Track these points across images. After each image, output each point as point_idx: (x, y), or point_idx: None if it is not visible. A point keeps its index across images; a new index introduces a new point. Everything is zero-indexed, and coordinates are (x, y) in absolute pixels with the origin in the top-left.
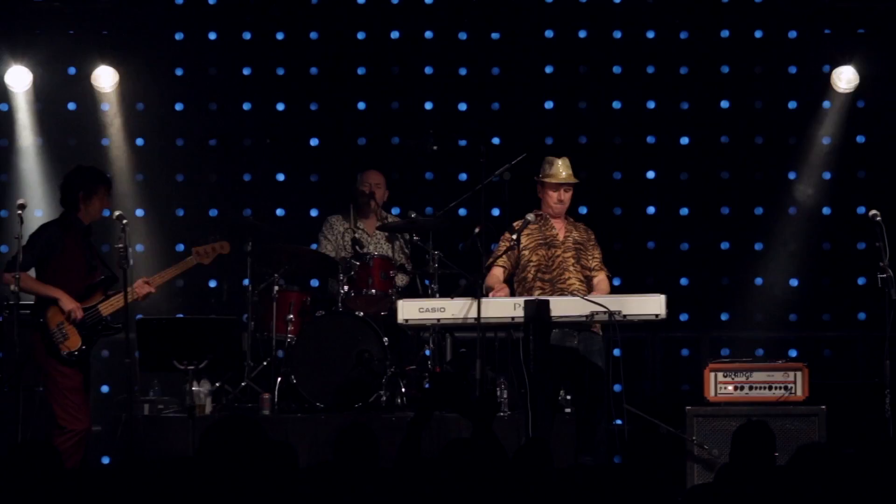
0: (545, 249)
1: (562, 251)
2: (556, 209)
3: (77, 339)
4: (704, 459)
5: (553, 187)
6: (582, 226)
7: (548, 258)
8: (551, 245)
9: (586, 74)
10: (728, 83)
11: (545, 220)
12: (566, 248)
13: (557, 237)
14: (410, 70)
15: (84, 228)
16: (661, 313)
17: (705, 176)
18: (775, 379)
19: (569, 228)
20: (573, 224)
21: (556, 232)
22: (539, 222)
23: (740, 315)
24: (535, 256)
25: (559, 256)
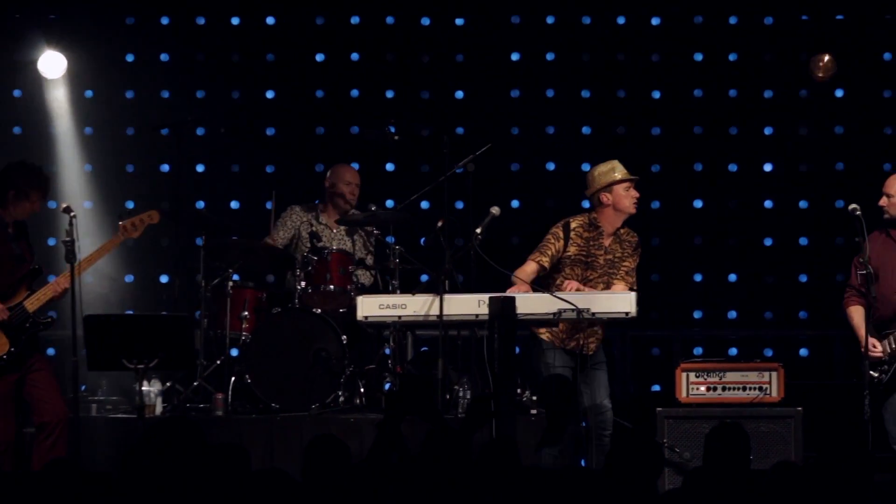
0: (582, 269)
1: (597, 275)
2: (633, 207)
3: (5, 341)
4: (676, 463)
5: (627, 185)
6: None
7: (581, 277)
8: (590, 266)
9: (554, 62)
10: (702, 71)
11: (598, 230)
12: (602, 273)
13: (598, 260)
14: (371, 57)
15: (13, 224)
16: (632, 311)
17: (677, 167)
18: (750, 379)
19: (614, 246)
20: (622, 237)
21: (601, 252)
22: (592, 232)
23: (713, 313)
24: (569, 270)
25: (592, 281)
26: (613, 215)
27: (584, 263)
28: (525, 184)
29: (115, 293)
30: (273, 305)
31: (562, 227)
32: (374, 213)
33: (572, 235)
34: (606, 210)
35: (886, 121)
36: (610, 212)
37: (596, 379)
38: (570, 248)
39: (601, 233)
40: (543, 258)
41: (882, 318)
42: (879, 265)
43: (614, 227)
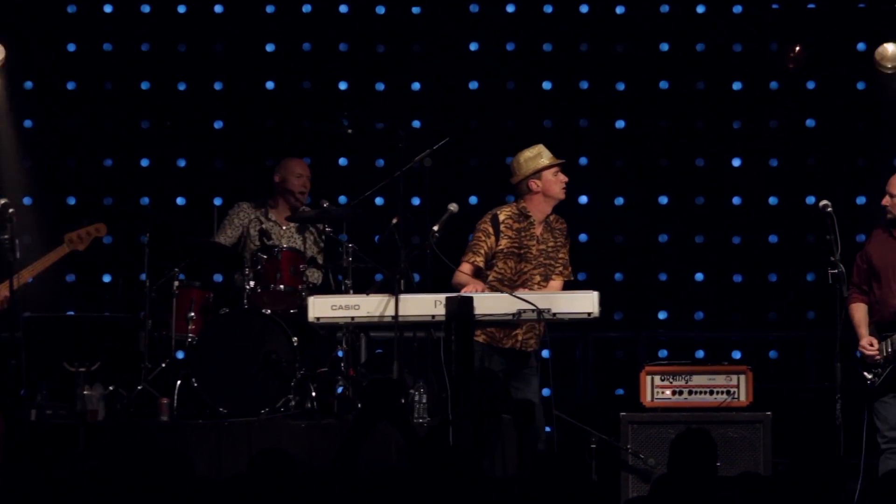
0: (515, 262)
1: (532, 267)
2: (562, 192)
3: None
4: (640, 470)
5: (555, 170)
6: (558, 223)
7: (514, 272)
8: (524, 258)
9: (514, 52)
10: (668, 62)
11: (528, 220)
12: (537, 265)
13: (531, 250)
14: (323, 47)
15: None
16: (594, 311)
17: (642, 163)
18: (717, 383)
19: (545, 234)
20: (551, 224)
21: (533, 242)
22: (523, 223)
23: (679, 314)
24: (502, 264)
25: (527, 273)
26: (543, 202)
27: (517, 256)
28: (484, 179)
29: (56, 294)
30: (221, 306)
31: (490, 222)
32: (326, 209)
33: (502, 228)
34: (535, 197)
35: (860, 114)
36: (539, 199)
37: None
38: (502, 242)
39: (532, 222)
40: (477, 258)
41: (882, 321)
42: (881, 266)
43: (544, 214)
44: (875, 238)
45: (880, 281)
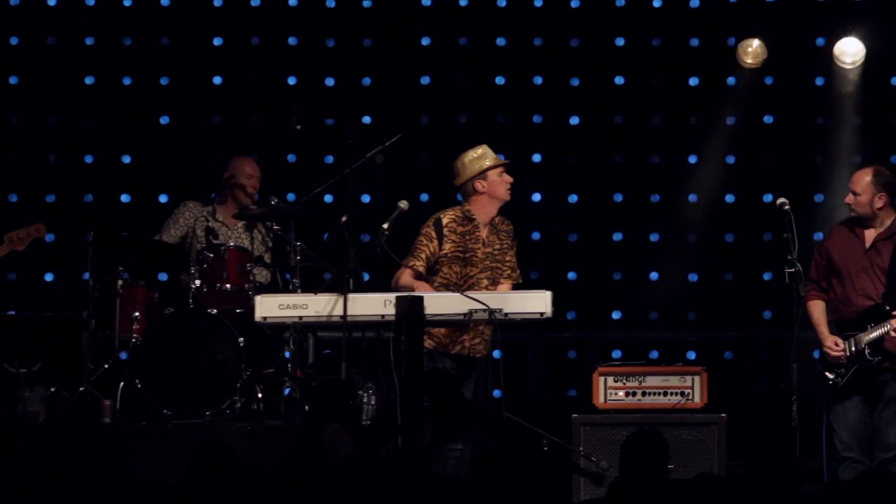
0: (461, 266)
1: (478, 271)
2: (508, 193)
3: None
4: (592, 472)
5: (500, 170)
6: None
7: (460, 276)
8: (469, 262)
9: (467, 47)
10: (623, 57)
11: (473, 223)
12: (483, 268)
13: (477, 253)
14: (272, 41)
15: None
16: (547, 311)
17: (597, 160)
18: (671, 384)
19: (491, 237)
20: (497, 226)
21: (479, 245)
22: (467, 226)
23: (633, 313)
24: (447, 269)
25: (473, 277)
26: (488, 204)
27: (462, 260)
28: (436, 177)
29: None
30: (165, 305)
31: (433, 226)
32: (274, 207)
33: (446, 232)
34: (480, 199)
35: (818, 110)
36: (484, 200)
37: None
38: (446, 246)
39: (477, 225)
40: (418, 262)
41: (844, 320)
42: (843, 264)
43: (489, 216)
44: (836, 234)
45: (842, 278)
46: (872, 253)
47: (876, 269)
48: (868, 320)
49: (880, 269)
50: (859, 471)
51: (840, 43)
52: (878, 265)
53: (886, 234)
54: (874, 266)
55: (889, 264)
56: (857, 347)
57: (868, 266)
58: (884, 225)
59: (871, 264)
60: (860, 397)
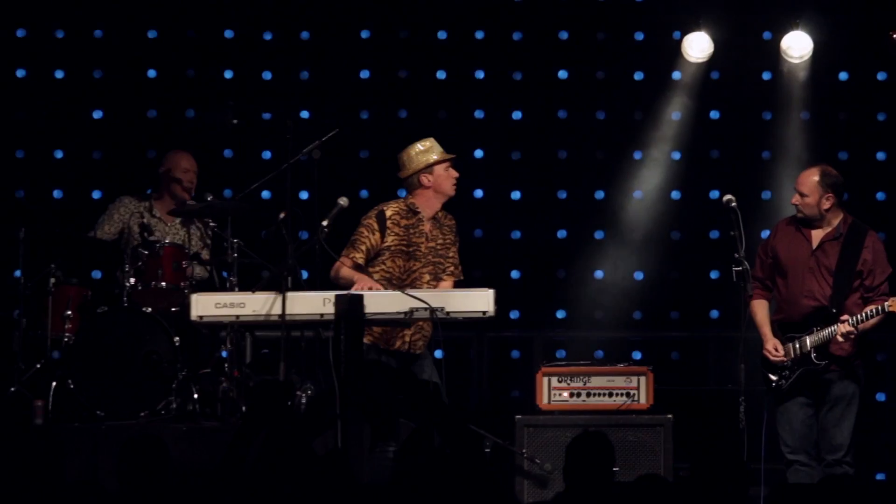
0: (403, 260)
1: (421, 265)
2: (453, 188)
3: None
4: (536, 475)
5: (446, 165)
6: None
7: (403, 270)
8: (412, 256)
9: (407, 40)
10: (567, 50)
11: (417, 216)
12: (426, 263)
13: (420, 248)
14: (208, 34)
15: None
16: (489, 310)
17: (540, 155)
18: (616, 384)
19: (434, 232)
20: (440, 221)
21: (423, 240)
22: (411, 219)
23: (578, 312)
24: (390, 263)
25: (416, 272)
26: (433, 198)
27: (405, 254)
28: (375, 172)
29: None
30: (99, 304)
31: (375, 218)
32: (210, 203)
33: (389, 224)
34: (426, 193)
35: (764, 105)
36: (430, 194)
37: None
38: (388, 239)
39: (420, 218)
40: (357, 254)
41: (789, 320)
42: (790, 264)
43: (434, 210)
44: (781, 232)
45: (787, 278)
46: (819, 254)
47: (823, 271)
48: (814, 322)
49: (827, 270)
50: (807, 473)
51: (787, 37)
52: (825, 266)
53: (833, 235)
54: (821, 267)
55: (836, 266)
56: (802, 350)
57: (815, 267)
58: (831, 225)
59: (818, 265)
60: (805, 399)
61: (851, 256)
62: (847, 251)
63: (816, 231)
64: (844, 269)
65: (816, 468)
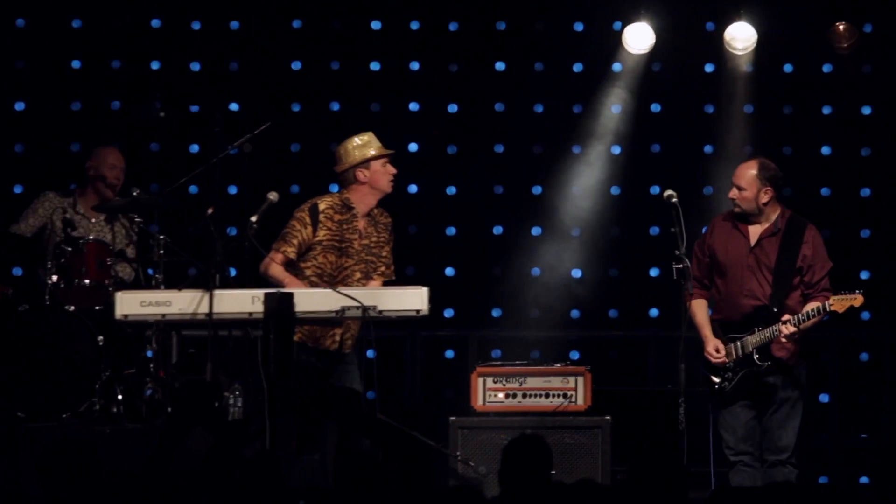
0: (335, 256)
1: (353, 262)
2: (390, 185)
3: None
4: (470, 478)
5: (384, 161)
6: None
7: (335, 266)
8: (345, 253)
9: (340, 31)
10: (504, 41)
11: (351, 212)
12: (358, 261)
13: (353, 245)
14: (135, 23)
15: None
16: (423, 309)
17: (475, 149)
18: (553, 385)
19: (369, 229)
20: (375, 218)
21: (356, 236)
22: (345, 214)
23: (514, 311)
24: (322, 258)
25: (347, 269)
26: (369, 194)
27: (337, 250)
28: (307, 167)
29: None
30: (20, 302)
31: (308, 212)
32: (136, 198)
33: (322, 219)
34: (361, 188)
35: (707, 98)
36: (365, 190)
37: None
38: (320, 233)
39: (355, 214)
40: (289, 248)
41: (729, 320)
42: (728, 262)
43: (369, 207)
44: (719, 229)
45: (726, 277)
46: (758, 251)
47: (762, 269)
48: (755, 322)
49: (767, 268)
50: (750, 474)
51: (731, 28)
52: (765, 264)
53: (771, 231)
54: (760, 265)
55: (776, 263)
56: (743, 351)
57: (754, 265)
58: (769, 220)
59: (757, 263)
60: (747, 401)
61: (791, 252)
62: (786, 247)
63: (754, 227)
64: (784, 266)
65: (759, 469)
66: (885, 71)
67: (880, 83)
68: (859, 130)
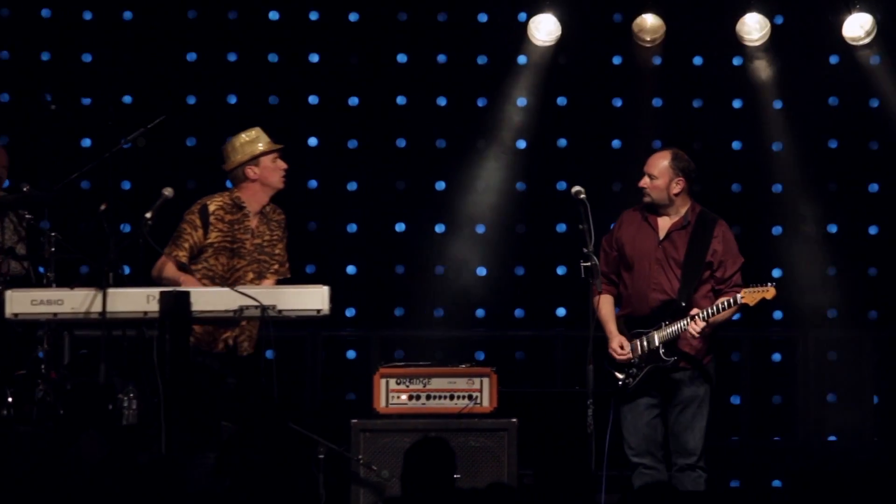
0: (227, 257)
1: (245, 263)
2: (282, 181)
3: None
4: (373, 482)
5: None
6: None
7: (226, 268)
8: (237, 254)
9: (237, 21)
10: (406, 33)
11: (243, 211)
12: (251, 261)
13: (245, 245)
14: (23, 14)
15: None
16: (324, 308)
17: (377, 144)
18: (458, 387)
19: (261, 227)
20: (268, 216)
21: (248, 236)
22: (236, 214)
23: (417, 310)
24: (213, 260)
25: (240, 270)
26: (260, 191)
27: (229, 251)
28: (202, 162)
29: None
30: None
31: (198, 213)
32: (26, 194)
33: (212, 220)
34: (252, 186)
35: (615, 91)
36: (256, 188)
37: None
38: (212, 235)
39: (246, 213)
40: (181, 252)
41: (635, 316)
42: (637, 255)
43: (261, 204)
44: (627, 222)
45: (634, 271)
46: (667, 244)
47: (671, 262)
48: (662, 317)
49: (675, 261)
50: (652, 477)
51: (639, 19)
52: (673, 258)
53: (681, 224)
54: (669, 259)
55: (685, 257)
56: (650, 346)
57: (662, 258)
58: (679, 214)
59: (666, 257)
60: (651, 399)
61: (700, 247)
62: (696, 241)
63: (663, 219)
64: (693, 260)
65: (662, 471)
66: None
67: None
68: (770, 125)
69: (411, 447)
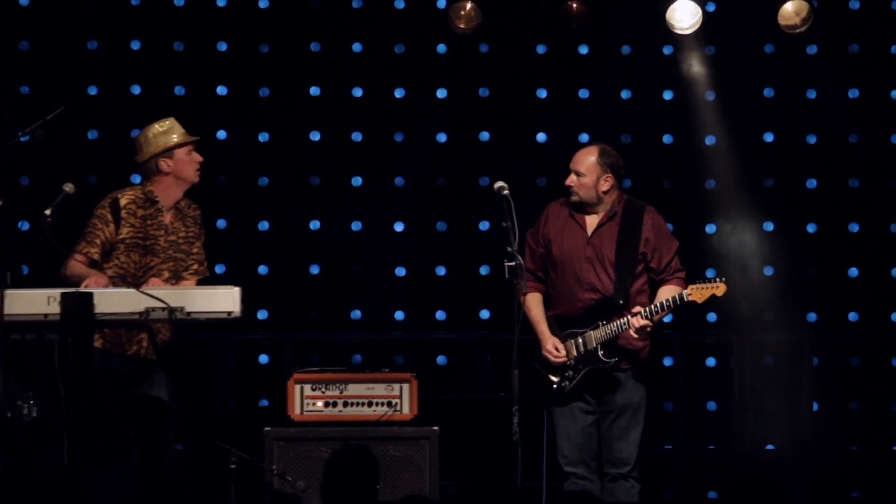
0: (140, 255)
1: (159, 261)
2: (197, 174)
3: None
4: (287, 494)
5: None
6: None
7: (139, 266)
8: (150, 251)
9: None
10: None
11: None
12: (166, 258)
13: (159, 241)
14: None
15: None
16: (235, 310)
17: (289, 137)
18: (376, 393)
19: (176, 223)
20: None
21: (161, 232)
22: (149, 209)
23: (333, 312)
24: (125, 257)
25: (153, 268)
26: (174, 185)
27: (141, 248)
28: (106, 155)
29: None
30: None
31: (109, 207)
32: None
33: (124, 215)
34: (165, 179)
35: (540, 81)
36: (170, 181)
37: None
38: (123, 231)
39: (160, 208)
40: (92, 249)
41: (567, 316)
42: (565, 255)
43: (175, 199)
44: (554, 219)
45: (562, 270)
46: (596, 241)
47: (603, 260)
48: (597, 316)
49: (608, 260)
50: (585, 487)
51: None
52: (605, 255)
53: (608, 217)
54: (600, 256)
55: (616, 251)
56: (587, 347)
57: (592, 256)
58: (607, 209)
59: (596, 254)
60: (586, 405)
61: (631, 238)
62: (625, 233)
63: (591, 216)
64: (625, 254)
65: (595, 482)
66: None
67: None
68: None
69: (332, 456)
